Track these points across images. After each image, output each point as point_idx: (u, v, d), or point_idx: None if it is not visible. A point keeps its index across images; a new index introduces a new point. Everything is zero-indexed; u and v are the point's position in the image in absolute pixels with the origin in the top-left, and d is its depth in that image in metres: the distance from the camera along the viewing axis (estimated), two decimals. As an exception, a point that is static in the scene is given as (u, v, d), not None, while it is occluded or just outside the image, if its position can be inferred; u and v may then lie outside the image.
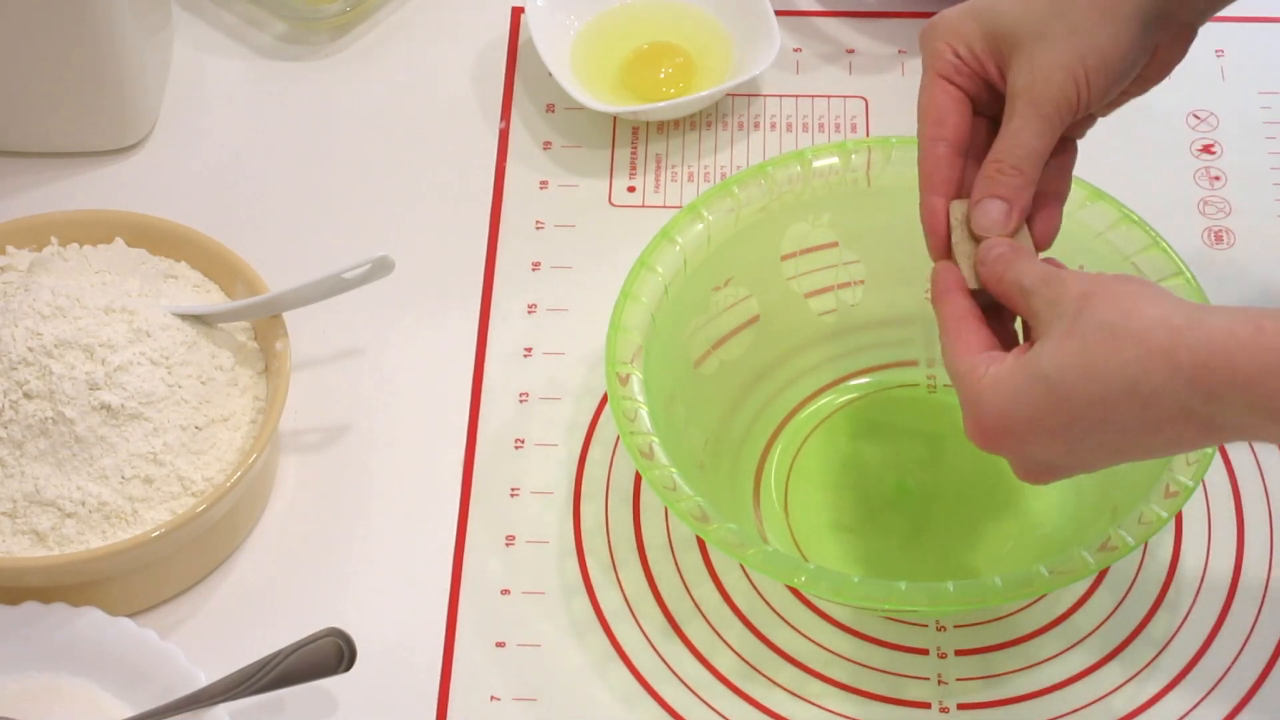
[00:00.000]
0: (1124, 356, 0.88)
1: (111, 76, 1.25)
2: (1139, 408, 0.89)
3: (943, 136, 1.00)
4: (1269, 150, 1.29)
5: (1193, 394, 0.87)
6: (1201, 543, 1.11)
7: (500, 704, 1.07)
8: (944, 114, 1.00)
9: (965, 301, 0.97)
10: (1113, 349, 0.89)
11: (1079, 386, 0.90)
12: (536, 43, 1.31)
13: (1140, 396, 0.88)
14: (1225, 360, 0.86)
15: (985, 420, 0.92)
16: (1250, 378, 0.86)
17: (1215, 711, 1.06)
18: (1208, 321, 0.88)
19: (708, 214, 1.12)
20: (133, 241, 1.17)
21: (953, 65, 1.00)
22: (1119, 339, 0.89)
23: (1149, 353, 0.88)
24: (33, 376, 1.07)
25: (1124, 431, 0.90)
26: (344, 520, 1.14)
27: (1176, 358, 0.87)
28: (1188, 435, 0.89)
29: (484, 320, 1.22)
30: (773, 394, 1.17)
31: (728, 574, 1.11)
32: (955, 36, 1.00)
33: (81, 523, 1.06)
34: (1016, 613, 1.09)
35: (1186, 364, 0.87)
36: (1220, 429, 0.88)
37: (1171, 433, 0.89)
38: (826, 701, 1.06)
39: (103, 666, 1.05)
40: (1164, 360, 0.87)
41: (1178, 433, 0.89)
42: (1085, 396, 0.89)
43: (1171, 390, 0.88)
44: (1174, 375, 0.87)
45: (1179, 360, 0.87)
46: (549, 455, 1.16)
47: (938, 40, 1.01)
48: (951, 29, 1.00)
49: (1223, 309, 0.88)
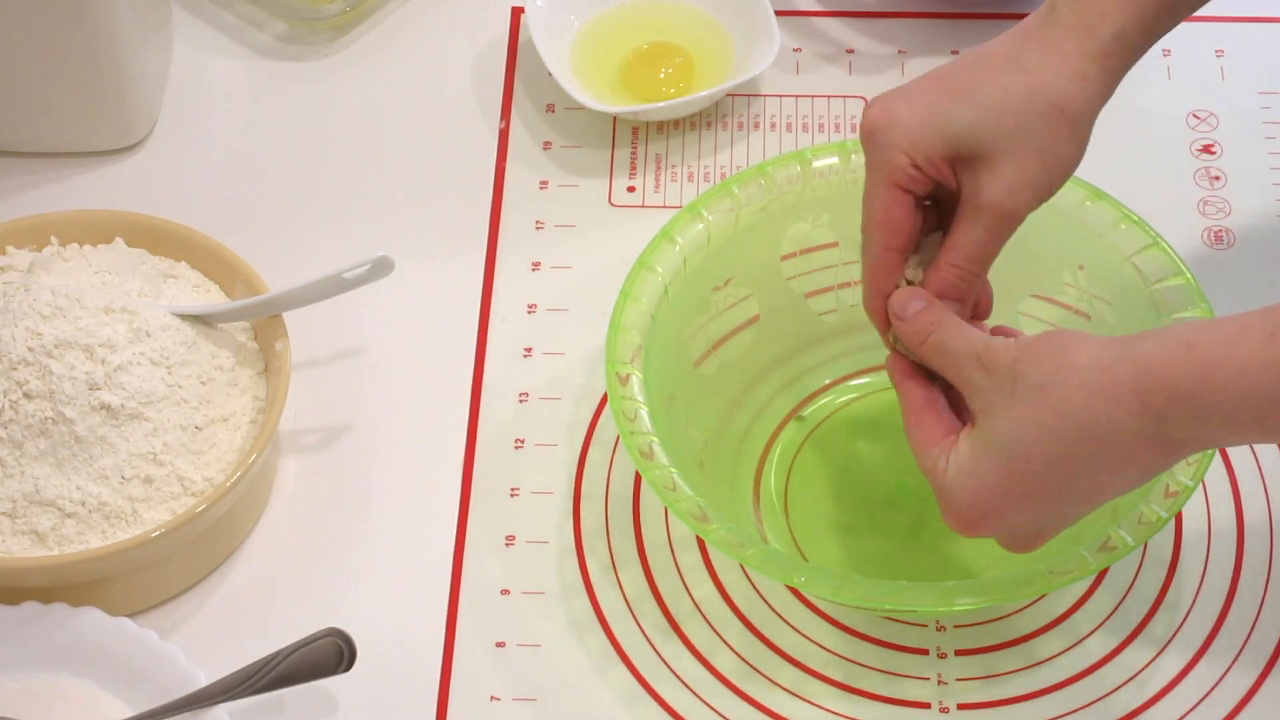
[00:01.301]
0: (1069, 406, 0.90)
1: (111, 76, 1.25)
2: (1099, 449, 0.90)
3: (896, 246, 1.00)
4: (1269, 150, 1.29)
5: (1144, 420, 0.89)
6: (1201, 543, 1.11)
7: (500, 704, 1.07)
8: (899, 224, 1.00)
9: (921, 391, 0.99)
10: (1056, 403, 0.91)
11: (1038, 449, 0.91)
12: (536, 43, 1.31)
13: (1097, 438, 0.90)
14: (1163, 382, 0.88)
15: (961, 511, 0.95)
16: (1190, 393, 0.88)
17: (1215, 711, 1.06)
18: (1138, 351, 0.90)
19: (708, 214, 1.12)
20: (133, 241, 1.17)
21: (909, 176, 0.99)
22: (1059, 391, 0.91)
23: (1091, 396, 0.90)
24: (33, 376, 1.07)
25: (1094, 475, 0.91)
26: (344, 520, 1.14)
27: (1117, 393, 0.89)
28: (1156, 461, 0.91)
29: (484, 320, 1.22)
30: (773, 394, 1.17)
31: (728, 574, 1.11)
32: (914, 149, 0.98)
33: (81, 523, 1.06)
34: (1016, 613, 1.09)
35: (1128, 395, 0.89)
36: (1181, 445, 0.90)
37: (1140, 462, 0.91)
38: (826, 701, 1.06)
39: (103, 666, 1.05)
40: (1105, 399, 0.89)
41: (1146, 461, 0.91)
42: (1046, 456, 0.91)
43: (1124, 422, 0.89)
44: (1121, 408, 0.89)
45: (1119, 395, 0.89)
46: (549, 455, 1.16)
47: (893, 151, 0.98)
48: (910, 141, 0.98)
49: (1150, 334, 0.91)
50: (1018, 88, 0.97)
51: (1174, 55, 1.34)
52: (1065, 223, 1.11)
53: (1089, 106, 0.98)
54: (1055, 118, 0.97)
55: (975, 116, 0.97)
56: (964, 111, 0.98)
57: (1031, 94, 0.97)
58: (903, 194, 0.99)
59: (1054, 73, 0.97)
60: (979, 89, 0.98)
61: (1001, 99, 0.97)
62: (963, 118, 0.97)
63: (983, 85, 0.98)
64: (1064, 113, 0.97)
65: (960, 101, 0.98)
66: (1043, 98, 0.97)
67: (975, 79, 0.98)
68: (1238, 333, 0.88)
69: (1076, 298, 1.12)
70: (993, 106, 0.97)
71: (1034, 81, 0.97)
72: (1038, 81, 0.97)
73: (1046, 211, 1.11)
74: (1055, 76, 0.97)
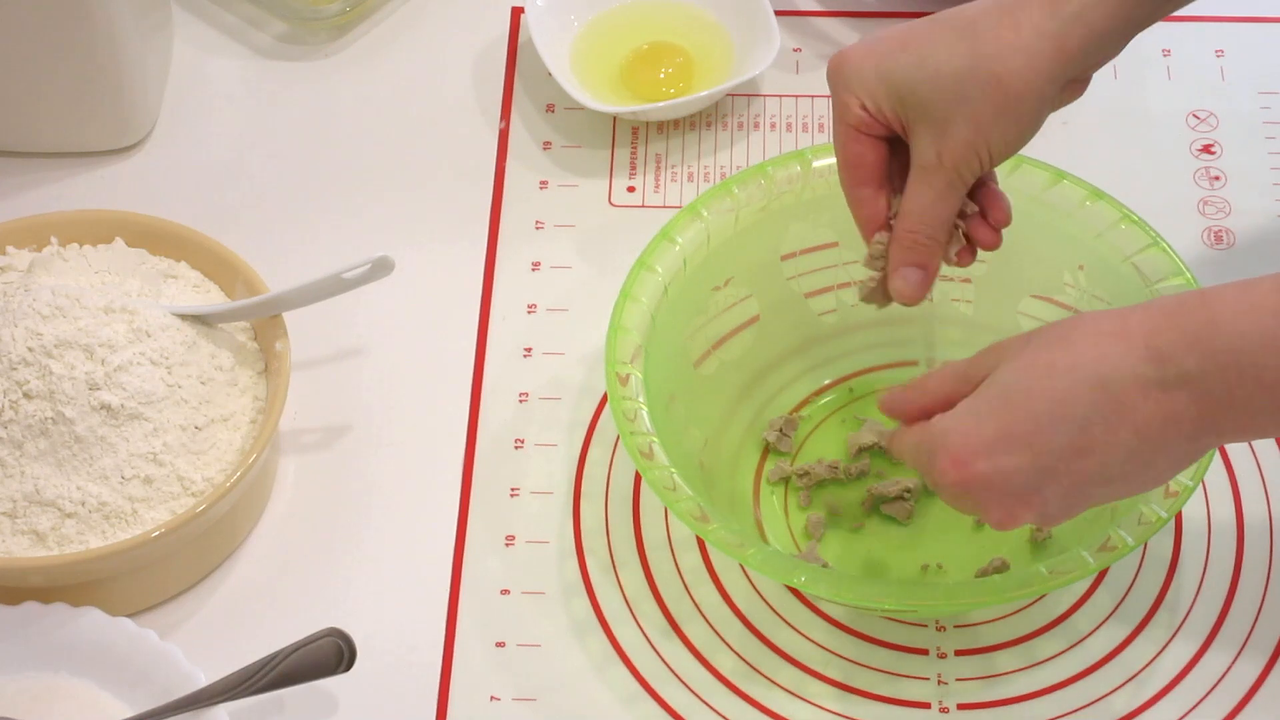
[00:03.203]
0: (1079, 348, 0.91)
1: (111, 76, 1.25)
2: (1100, 395, 0.90)
3: (864, 182, 1.03)
4: (1269, 150, 1.29)
5: (1147, 365, 0.89)
6: (1201, 543, 1.11)
7: (500, 704, 1.07)
8: (859, 161, 1.02)
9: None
10: (1068, 345, 0.91)
11: (1040, 386, 0.91)
12: (536, 43, 1.31)
13: (1099, 380, 0.90)
14: (1172, 323, 0.90)
15: (953, 451, 0.93)
16: (1196, 331, 0.89)
17: (1216, 711, 1.06)
18: (1154, 302, 0.92)
19: (707, 214, 1.12)
20: (133, 241, 1.17)
21: (861, 119, 1.01)
22: (1075, 334, 0.92)
23: (1101, 338, 0.91)
24: (33, 376, 1.07)
25: (1090, 427, 0.91)
26: (344, 520, 1.14)
27: (1127, 335, 0.90)
28: (1151, 422, 0.90)
29: (484, 320, 1.22)
30: (773, 394, 1.17)
31: (728, 574, 1.11)
32: (864, 92, 1.00)
33: (81, 523, 1.06)
34: (1016, 613, 1.09)
35: (1137, 336, 0.90)
36: (1173, 392, 0.90)
37: (1135, 420, 0.90)
38: (826, 701, 1.06)
39: (103, 666, 1.05)
40: (1114, 340, 0.90)
41: (1142, 419, 0.90)
42: (1048, 395, 0.91)
43: (1127, 365, 0.90)
44: (1128, 350, 0.90)
45: (1129, 336, 0.90)
46: (549, 455, 1.16)
47: (847, 93, 1.01)
48: (859, 83, 1.00)
49: (1173, 294, 0.94)
50: (963, 54, 0.98)
51: (1174, 55, 1.34)
52: (1065, 223, 1.11)
53: (1032, 85, 0.98)
54: (994, 89, 0.98)
55: (917, 74, 0.99)
56: (908, 68, 0.99)
57: (975, 62, 0.98)
58: (857, 134, 1.01)
59: (1002, 44, 0.98)
60: (929, 48, 0.99)
61: (946, 61, 0.98)
62: (906, 73, 0.99)
63: (934, 45, 0.99)
64: (1002, 86, 0.98)
65: (908, 56, 0.99)
66: (984, 68, 0.98)
67: (930, 38, 0.99)
68: (1254, 282, 0.90)
69: (1076, 298, 1.12)
70: (936, 68, 0.98)
71: (980, 50, 0.98)
72: (984, 51, 0.98)
73: (1046, 211, 1.11)
74: (1002, 48, 0.98)
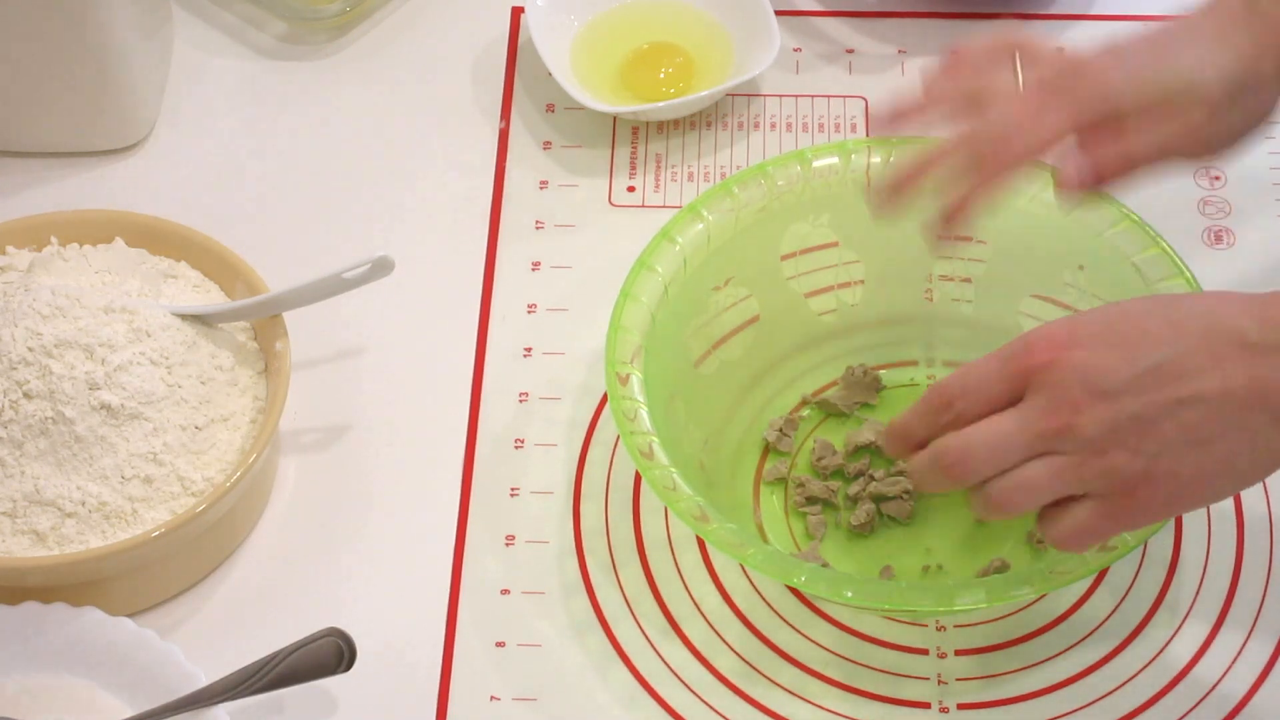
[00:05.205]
0: (1188, 297, 0.97)
1: (111, 76, 1.25)
2: (1198, 332, 0.93)
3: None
4: (1269, 150, 1.28)
5: (1248, 320, 0.93)
6: (1201, 543, 1.11)
7: (500, 704, 1.07)
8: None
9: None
10: (1195, 295, 0.98)
11: (1140, 306, 0.96)
12: (536, 43, 1.31)
13: (1200, 320, 0.94)
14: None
15: (1051, 330, 0.95)
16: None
17: (1216, 711, 1.06)
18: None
19: (707, 214, 1.12)
20: (133, 241, 1.17)
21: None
22: (1204, 291, 0.99)
23: (1210, 295, 0.97)
24: (33, 376, 1.07)
25: (1181, 357, 0.93)
26: (344, 520, 1.14)
27: (1238, 297, 0.94)
28: (1234, 382, 0.92)
29: (484, 320, 1.22)
30: (773, 394, 1.17)
31: (728, 574, 1.11)
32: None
33: (81, 523, 1.06)
34: (1016, 613, 1.09)
35: (1248, 299, 0.94)
36: (1270, 357, 0.92)
37: (1222, 370, 0.93)
38: (826, 701, 1.06)
39: (103, 666, 1.05)
40: (1222, 297, 0.95)
41: (1228, 371, 0.92)
42: (1146, 311, 0.95)
43: (1229, 315, 0.93)
44: (1235, 304, 0.94)
45: (1240, 298, 0.94)
46: (549, 455, 1.16)
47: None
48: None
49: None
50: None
51: (1174, 55, 1.33)
52: (1065, 223, 1.11)
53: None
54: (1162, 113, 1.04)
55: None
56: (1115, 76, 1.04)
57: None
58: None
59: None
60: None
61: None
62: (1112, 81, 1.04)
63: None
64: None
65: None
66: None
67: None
68: None
69: (1076, 298, 1.12)
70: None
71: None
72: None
73: (1046, 211, 1.11)
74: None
